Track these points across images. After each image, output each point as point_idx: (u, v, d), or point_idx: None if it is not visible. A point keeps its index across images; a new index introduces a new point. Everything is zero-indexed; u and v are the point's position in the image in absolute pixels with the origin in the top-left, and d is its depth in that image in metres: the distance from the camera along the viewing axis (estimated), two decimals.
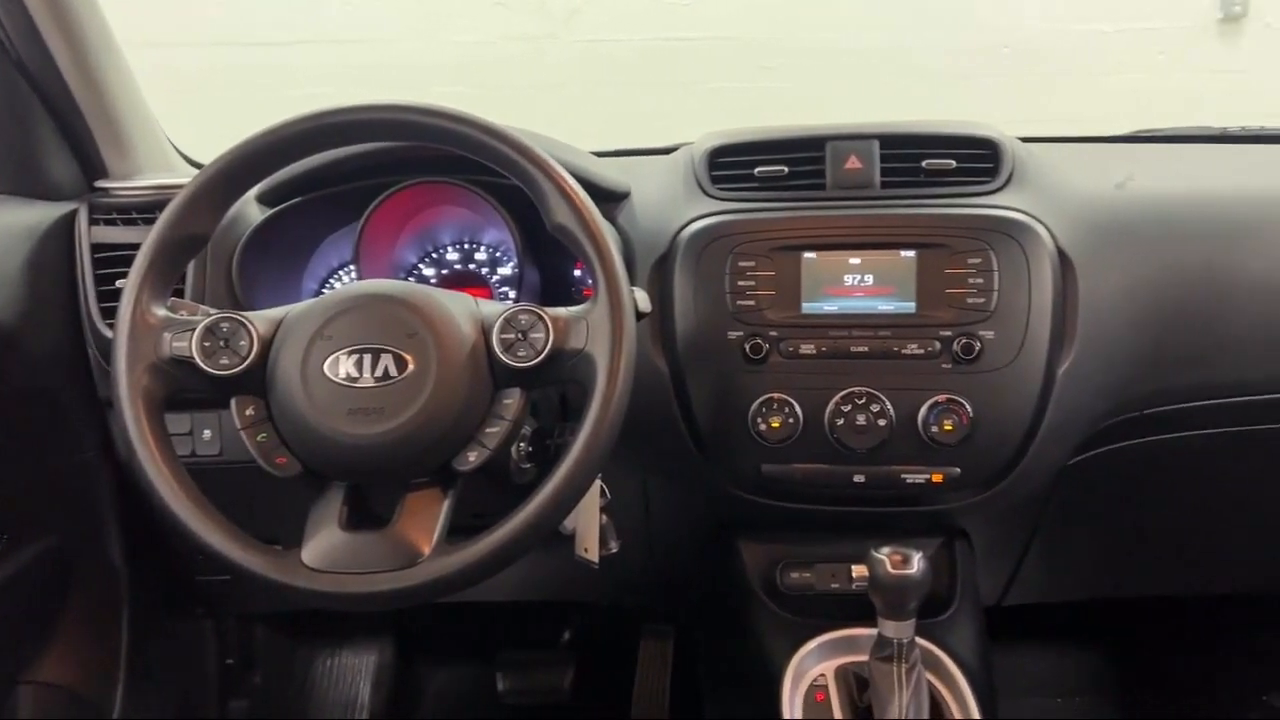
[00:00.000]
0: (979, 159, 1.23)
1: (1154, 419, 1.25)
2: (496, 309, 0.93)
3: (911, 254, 1.17)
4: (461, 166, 1.13)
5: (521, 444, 1.03)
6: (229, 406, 0.92)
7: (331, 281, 1.38)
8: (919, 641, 1.09)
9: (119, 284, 1.28)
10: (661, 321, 1.21)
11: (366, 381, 0.89)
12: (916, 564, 1.04)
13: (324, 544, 0.88)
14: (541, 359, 0.90)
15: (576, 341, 0.90)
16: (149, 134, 1.51)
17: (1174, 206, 1.25)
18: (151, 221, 0.95)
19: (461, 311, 0.93)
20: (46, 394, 1.34)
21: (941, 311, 1.16)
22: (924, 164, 1.22)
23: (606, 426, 0.88)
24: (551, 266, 1.31)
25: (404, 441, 0.88)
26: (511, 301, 1.20)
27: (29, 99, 1.34)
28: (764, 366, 1.17)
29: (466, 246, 1.38)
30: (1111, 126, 1.56)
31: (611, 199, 1.26)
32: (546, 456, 1.06)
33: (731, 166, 1.26)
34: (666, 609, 1.95)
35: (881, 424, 1.14)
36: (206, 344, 0.90)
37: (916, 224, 1.18)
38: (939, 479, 1.17)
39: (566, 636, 1.99)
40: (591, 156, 1.30)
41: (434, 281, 1.37)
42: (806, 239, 1.19)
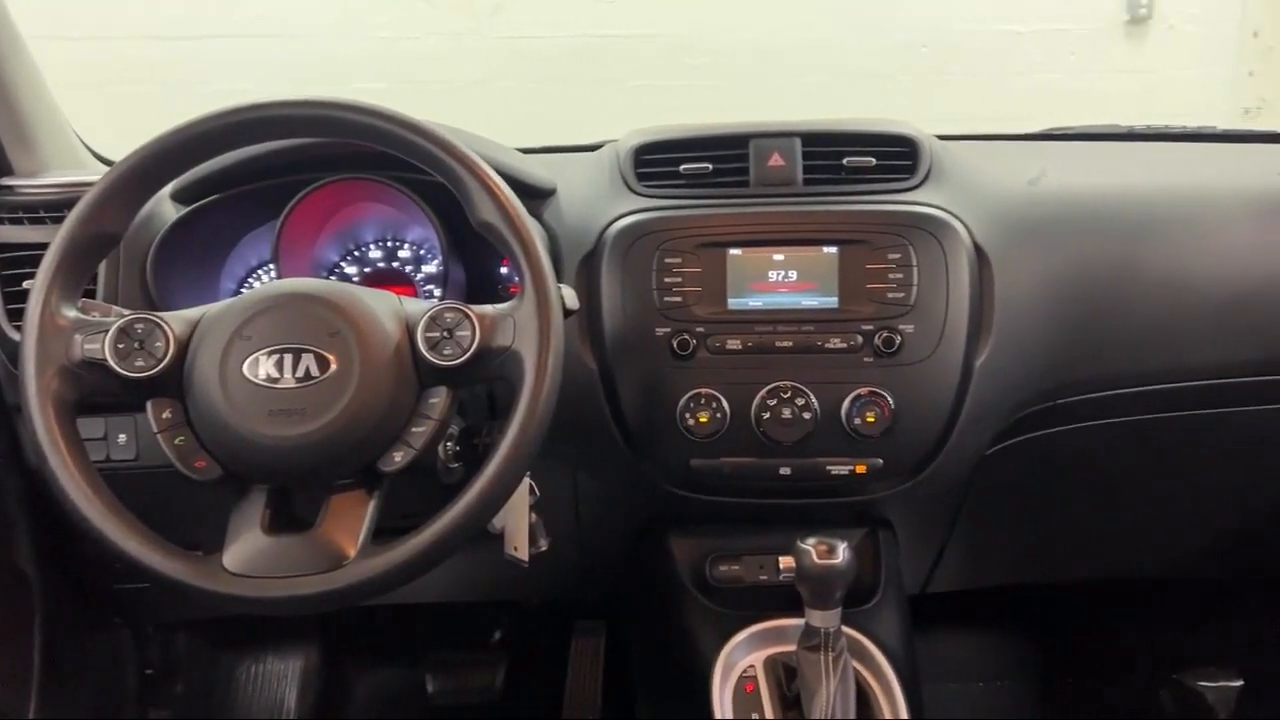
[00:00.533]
0: (898, 156, 1.25)
1: (1066, 409, 1.29)
2: (421, 307, 0.93)
3: (833, 250, 1.19)
4: (384, 163, 1.11)
5: (448, 443, 1.02)
6: (144, 410, 0.89)
7: (250, 281, 1.35)
8: (845, 630, 1.11)
9: (26, 285, 1.23)
10: (589, 318, 1.21)
11: (288, 382, 0.87)
12: (842, 554, 1.06)
13: (246, 548, 0.87)
14: (468, 357, 0.89)
15: (503, 339, 0.90)
16: (56, 130, 1.46)
17: (1084, 203, 1.29)
18: (60, 220, 0.92)
19: (385, 310, 0.92)
20: None
21: (863, 306, 1.18)
22: (845, 161, 1.24)
23: (535, 424, 0.87)
24: (477, 264, 1.30)
25: (327, 442, 0.86)
26: (437, 299, 1.19)
27: None
28: (691, 362, 1.18)
29: (390, 244, 1.36)
30: (1025, 125, 1.60)
31: (537, 196, 1.26)
32: (474, 456, 1.05)
33: (657, 164, 1.27)
34: (598, 605, 1.95)
35: (806, 417, 1.16)
36: (120, 346, 0.88)
37: (837, 220, 1.20)
38: (862, 470, 1.19)
39: (497, 636, 1.98)
40: (516, 153, 1.30)
41: (357, 280, 1.35)
42: (731, 236, 1.20)
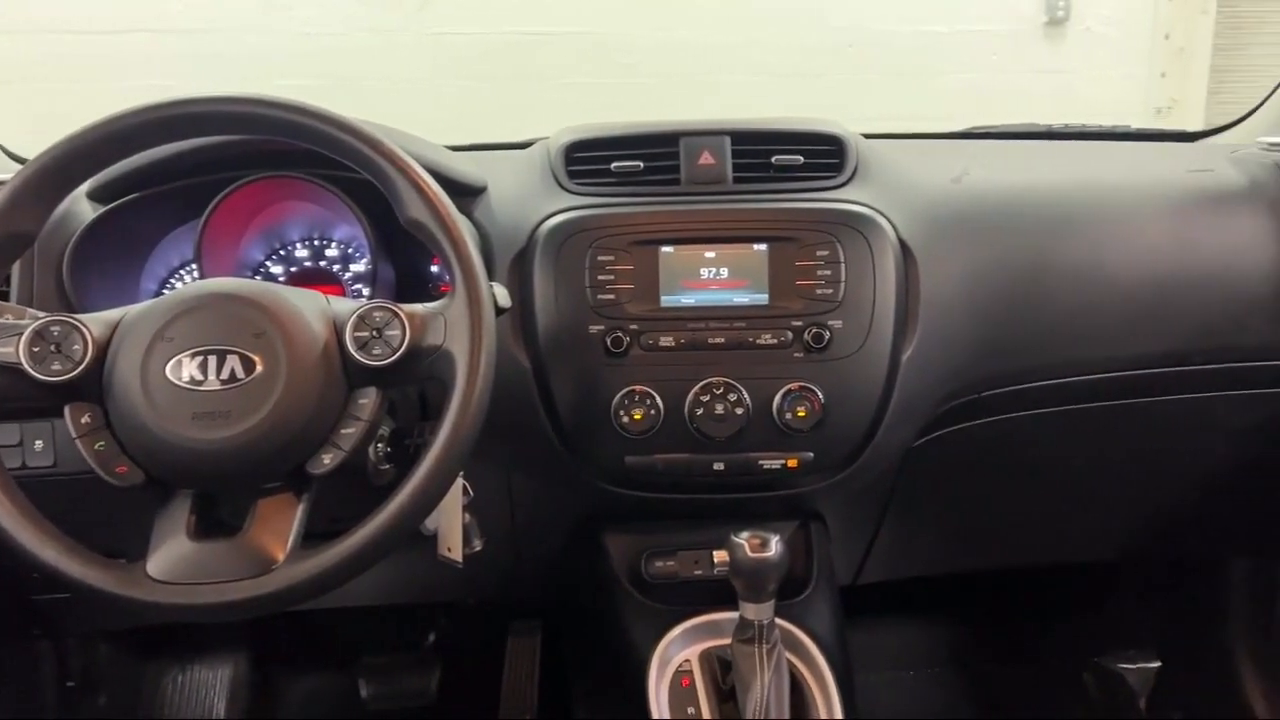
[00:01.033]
0: (825, 155, 1.27)
1: (990, 401, 1.32)
2: (349, 306, 0.91)
3: (763, 247, 1.20)
4: (309, 160, 1.10)
5: (379, 445, 1.01)
6: (62, 415, 0.87)
7: (172, 282, 1.32)
8: (778, 622, 1.12)
9: None
10: (522, 316, 1.20)
11: (212, 384, 0.85)
12: (774, 547, 1.08)
13: (171, 555, 0.85)
14: (398, 357, 0.88)
15: (434, 338, 0.89)
16: None
17: (1005, 200, 1.33)
18: None
19: (312, 309, 0.91)
20: None
21: (792, 302, 1.19)
22: (773, 160, 1.25)
23: (467, 424, 0.87)
24: (407, 262, 1.29)
25: (253, 445, 0.85)
26: (366, 299, 1.18)
27: None
28: (625, 359, 1.19)
29: (317, 243, 1.34)
30: (948, 124, 1.64)
31: (467, 193, 1.25)
32: (406, 457, 1.04)
33: (588, 161, 1.27)
34: (534, 605, 1.94)
35: (739, 412, 1.17)
36: (35, 349, 0.85)
37: (767, 218, 1.21)
38: (794, 464, 1.20)
39: (431, 638, 1.96)
40: (446, 150, 1.29)
41: (283, 279, 1.32)
42: (663, 233, 1.21)
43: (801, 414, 1.17)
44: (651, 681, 1.18)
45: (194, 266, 1.26)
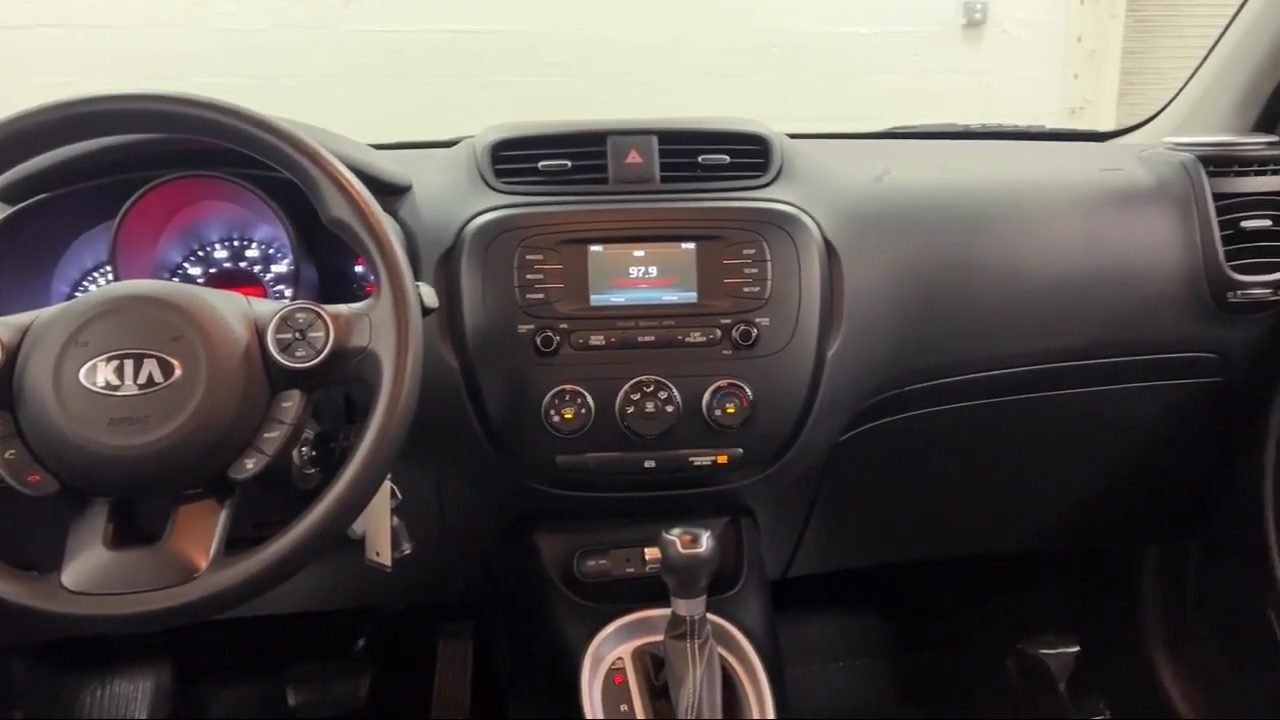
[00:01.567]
0: (750, 154, 1.29)
1: (914, 395, 1.35)
2: (271, 307, 0.90)
3: (691, 246, 1.21)
4: (228, 159, 1.07)
5: (304, 448, 0.99)
6: None
7: (85, 284, 1.28)
8: (710, 617, 1.13)
9: None
10: (450, 316, 1.19)
11: (129, 389, 0.83)
12: (705, 543, 1.08)
13: (87, 565, 0.83)
14: (322, 359, 0.87)
15: (359, 339, 0.88)
16: None
17: (925, 198, 1.35)
18: None
19: (232, 311, 0.89)
20: None
21: (720, 300, 1.20)
22: (700, 159, 1.26)
23: (394, 426, 0.86)
24: (330, 263, 1.27)
25: (172, 451, 0.83)
26: (288, 300, 1.16)
27: None
28: (555, 359, 1.18)
29: (236, 244, 1.31)
30: (870, 124, 1.67)
31: (392, 192, 1.24)
32: (331, 460, 1.03)
33: (515, 160, 1.26)
34: (465, 607, 1.93)
35: (669, 410, 1.18)
36: None
37: (694, 217, 1.22)
38: (724, 460, 1.21)
39: (360, 644, 1.93)
40: (369, 149, 1.27)
41: (201, 281, 1.29)
42: (592, 232, 1.21)
43: (730, 410, 1.18)
44: (584, 680, 1.17)
45: (108, 269, 1.23)
